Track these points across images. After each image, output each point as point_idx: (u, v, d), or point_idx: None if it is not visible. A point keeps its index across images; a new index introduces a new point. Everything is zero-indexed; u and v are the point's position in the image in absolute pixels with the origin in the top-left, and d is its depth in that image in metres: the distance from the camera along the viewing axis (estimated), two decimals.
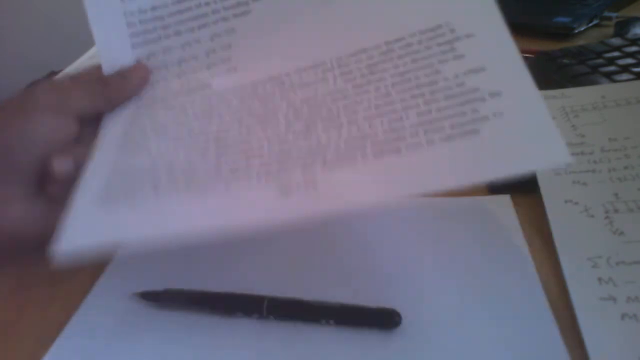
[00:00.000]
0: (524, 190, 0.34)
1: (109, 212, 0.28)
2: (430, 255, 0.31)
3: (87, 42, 0.74)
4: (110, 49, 0.34)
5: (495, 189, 0.35)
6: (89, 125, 0.33)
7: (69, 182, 0.31)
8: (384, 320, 0.26)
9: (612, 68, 0.44)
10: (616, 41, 0.49)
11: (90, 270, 0.33)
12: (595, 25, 0.58)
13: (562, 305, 0.26)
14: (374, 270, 0.30)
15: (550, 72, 0.45)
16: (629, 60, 0.45)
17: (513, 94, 0.25)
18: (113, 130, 0.33)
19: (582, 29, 0.57)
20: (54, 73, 0.72)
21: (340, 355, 0.25)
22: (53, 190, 0.31)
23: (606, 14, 0.58)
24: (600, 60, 0.46)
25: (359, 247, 0.32)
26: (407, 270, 0.30)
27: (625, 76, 0.42)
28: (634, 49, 0.46)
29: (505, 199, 0.34)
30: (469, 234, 0.32)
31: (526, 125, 0.24)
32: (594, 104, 0.38)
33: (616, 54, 0.46)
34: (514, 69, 0.26)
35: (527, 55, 0.41)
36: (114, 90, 0.33)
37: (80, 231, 0.27)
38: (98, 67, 0.34)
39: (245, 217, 0.26)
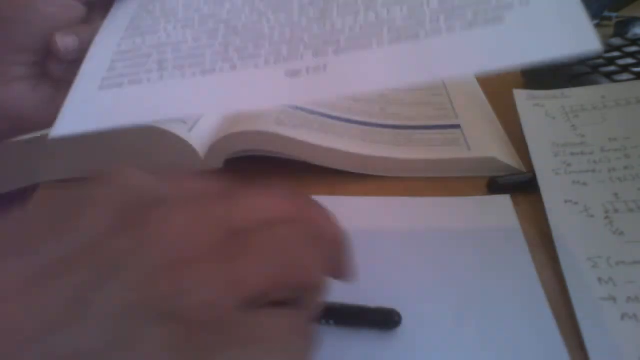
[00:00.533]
0: (524, 190, 0.34)
1: (110, 94, 0.27)
2: (430, 255, 0.31)
3: None
4: None
5: (495, 189, 0.35)
6: (97, 9, 0.33)
7: (73, 62, 0.30)
8: (384, 320, 0.26)
9: (612, 68, 0.44)
10: (616, 41, 0.49)
11: None
12: (595, 25, 0.58)
13: (562, 305, 0.26)
14: (373, 270, 0.30)
15: (550, 72, 0.45)
16: (629, 60, 0.45)
17: None
18: (121, 12, 0.32)
19: None
20: None
21: (340, 355, 0.25)
22: (56, 70, 0.31)
23: (606, 14, 0.58)
24: (600, 60, 0.46)
25: (357, 247, 0.32)
26: (407, 270, 0.30)
27: (625, 76, 0.42)
28: (634, 49, 0.46)
29: (505, 199, 0.34)
30: (469, 234, 0.32)
31: (554, 13, 0.22)
32: (594, 104, 0.38)
33: (616, 54, 0.46)
34: None
35: None
36: None
37: (79, 114, 0.27)
38: None
39: (249, 95, 0.25)
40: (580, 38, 0.21)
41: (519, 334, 0.25)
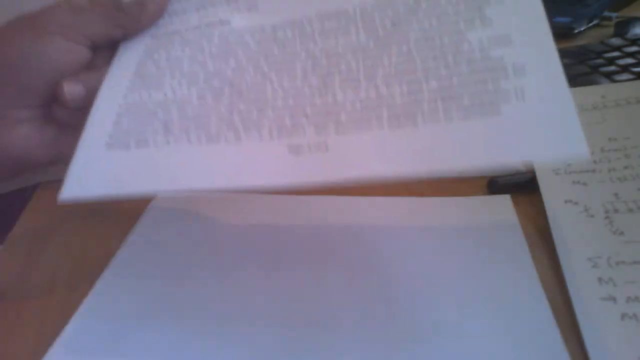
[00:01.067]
0: (524, 190, 0.34)
1: (117, 156, 0.28)
2: (429, 255, 0.31)
3: None
4: None
5: (495, 189, 0.35)
6: (102, 52, 0.33)
7: (79, 108, 0.31)
8: None
9: (612, 68, 0.44)
10: (616, 41, 0.49)
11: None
12: (595, 25, 0.58)
13: (562, 305, 0.26)
14: (372, 269, 0.30)
15: None
16: (629, 60, 0.45)
17: (537, 71, 0.24)
18: (127, 59, 0.33)
19: (582, 29, 0.57)
20: None
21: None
22: (62, 116, 0.32)
23: (606, 14, 0.58)
24: (600, 60, 0.46)
25: (357, 247, 0.32)
26: (407, 269, 0.30)
27: (625, 76, 0.42)
28: (634, 49, 0.46)
29: (505, 199, 0.34)
30: (469, 234, 0.32)
31: (547, 112, 0.23)
32: (594, 104, 0.38)
33: (616, 54, 0.46)
34: (541, 44, 0.25)
35: None
36: (130, 18, 0.33)
37: (87, 177, 0.28)
38: None
39: (253, 172, 0.25)
40: (571, 145, 0.22)
41: (519, 334, 0.25)
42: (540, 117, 0.23)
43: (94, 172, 0.28)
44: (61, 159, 0.32)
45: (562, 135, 0.22)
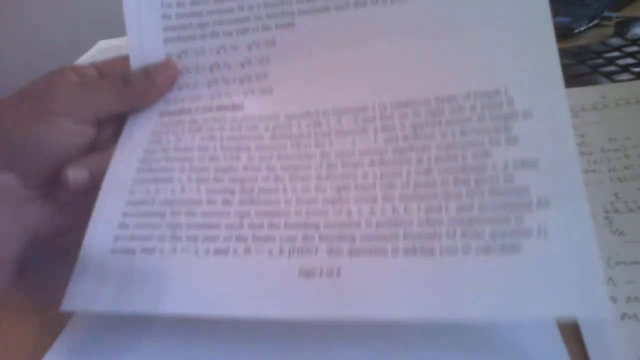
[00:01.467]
0: None
1: (122, 262, 0.27)
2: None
3: (87, 42, 0.74)
4: (141, 40, 0.33)
5: None
6: (108, 126, 0.32)
7: (83, 193, 0.30)
8: None
9: (612, 68, 0.44)
10: (616, 41, 0.49)
11: None
12: (595, 25, 0.58)
13: None
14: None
15: None
16: (629, 60, 0.45)
17: (562, 208, 0.23)
18: (134, 143, 0.31)
19: (582, 29, 0.57)
20: None
21: None
22: (64, 198, 0.31)
23: (606, 14, 0.58)
24: (600, 60, 0.46)
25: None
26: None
27: (625, 76, 0.42)
28: (634, 49, 0.46)
29: None
30: None
31: (569, 257, 0.22)
32: (594, 104, 0.38)
33: (616, 54, 0.46)
34: (568, 170, 0.23)
35: None
36: (137, 93, 0.31)
37: (90, 292, 0.26)
38: (124, 59, 0.33)
39: (262, 296, 0.24)
40: (589, 299, 0.21)
41: (518, 334, 0.25)
42: (561, 263, 0.21)
43: (98, 282, 0.26)
44: (57, 236, 0.32)
45: (581, 289, 0.21)
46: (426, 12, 0.29)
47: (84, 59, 0.70)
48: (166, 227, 0.27)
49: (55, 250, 0.36)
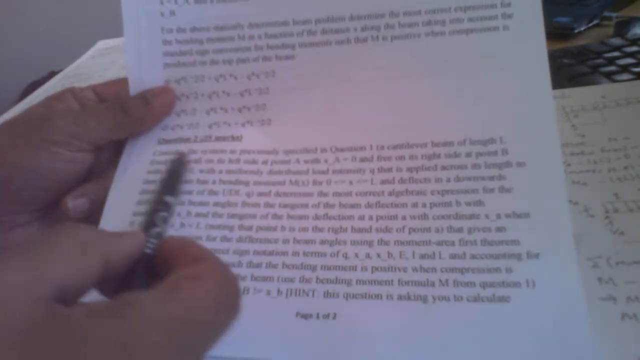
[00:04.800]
0: None
1: None
2: None
3: (87, 42, 0.74)
4: (140, 64, 0.32)
5: None
6: (106, 151, 0.32)
7: (82, 220, 0.30)
8: None
9: (612, 68, 0.44)
10: (616, 41, 0.49)
11: None
12: (595, 25, 0.58)
13: None
14: None
15: (550, 72, 0.45)
16: (629, 60, 0.45)
17: (551, 261, 0.24)
18: (132, 173, 0.30)
19: (582, 29, 0.57)
20: (53, 73, 0.72)
21: None
22: (62, 222, 0.31)
23: (606, 14, 0.58)
24: (600, 60, 0.46)
25: None
26: None
27: (625, 76, 0.42)
28: (634, 49, 0.46)
29: None
30: None
31: (555, 310, 0.22)
32: (594, 104, 0.38)
33: (616, 54, 0.46)
34: (559, 225, 0.24)
35: None
36: (135, 120, 0.31)
37: None
38: (124, 82, 0.32)
39: (260, 337, 0.24)
40: (578, 356, 0.22)
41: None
42: (548, 315, 0.22)
43: None
44: None
45: (567, 345, 0.22)
46: (427, 51, 0.29)
47: (84, 59, 0.70)
48: None
49: None
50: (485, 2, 0.29)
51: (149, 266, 0.21)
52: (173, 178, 0.27)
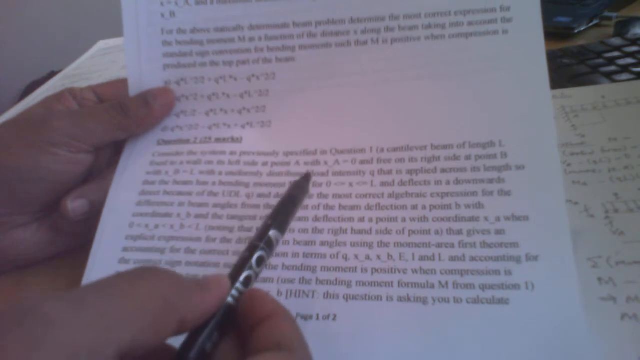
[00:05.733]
0: None
1: None
2: None
3: (87, 42, 0.74)
4: (140, 65, 0.32)
5: None
6: (105, 152, 0.32)
7: (82, 221, 0.30)
8: None
9: (612, 68, 0.44)
10: (616, 41, 0.49)
11: None
12: (595, 25, 0.58)
13: None
14: None
15: (550, 72, 0.45)
16: (629, 60, 0.45)
17: (550, 264, 0.24)
18: (132, 174, 0.30)
19: (582, 29, 0.57)
20: (53, 73, 0.72)
21: None
22: (62, 225, 0.31)
23: (606, 14, 0.58)
24: (600, 60, 0.46)
25: None
26: None
27: (625, 76, 0.42)
28: (634, 49, 0.46)
29: None
30: None
31: (554, 313, 0.23)
32: (594, 104, 0.38)
33: (616, 54, 0.46)
34: (557, 227, 0.24)
35: None
36: (134, 122, 0.31)
37: None
38: (123, 82, 0.32)
39: None
40: (577, 357, 0.22)
41: None
42: (547, 317, 0.23)
43: None
44: (52, 259, 0.32)
45: (565, 347, 0.22)
46: (427, 54, 0.29)
47: (84, 59, 0.70)
48: (166, 264, 0.27)
49: None
50: (484, 6, 0.29)
51: (228, 317, 0.19)
52: (286, 208, 0.24)
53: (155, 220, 0.29)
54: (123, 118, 0.30)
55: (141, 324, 0.15)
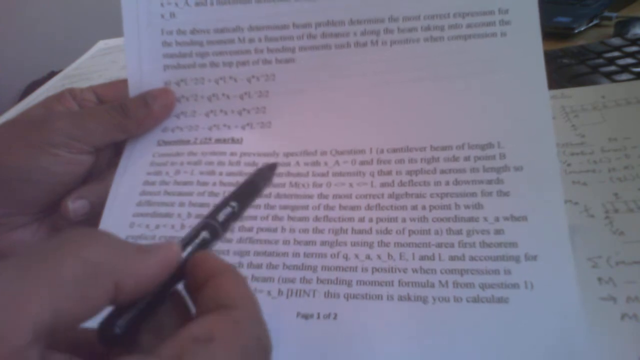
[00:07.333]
0: None
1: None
2: None
3: (87, 42, 0.74)
4: (140, 66, 0.32)
5: None
6: (105, 152, 0.32)
7: (82, 221, 0.30)
8: None
9: (612, 68, 0.44)
10: (616, 41, 0.49)
11: None
12: (595, 25, 0.58)
13: None
14: None
15: (550, 72, 0.45)
16: (629, 60, 0.45)
17: (549, 263, 0.24)
18: (133, 174, 0.30)
19: (582, 29, 0.57)
20: (53, 73, 0.72)
21: None
22: (62, 225, 0.31)
23: (606, 14, 0.58)
24: (600, 60, 0.46)
25: None
26: None
27: (625, 76, 0.42)
28: (634, 49, 0.46)
29: None
30: None
31: (553, 311, 0.23)
32: (594, 104, 0.38)
33: (616, 54, 0.46)
34: (555, 227, 0.25)
35: None
36: (134, 122, 0.31)
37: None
38: (124, 83, 0.32)
39: None
40: (576, 356, 0.22)
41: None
42: (546, 316, 0.23)
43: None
44: None
45: (565, 346, 0.22)
46: (426, 56, 0.30)
47: (84, 59, 0.70)
48: None
49: None
50: (483, 8, 0.29)
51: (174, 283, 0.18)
52: (249, 187, 0.23)
53: (155, 220, 0.29)
54: (123, 119, 0.30)
55: (62, 293, 0.14)
